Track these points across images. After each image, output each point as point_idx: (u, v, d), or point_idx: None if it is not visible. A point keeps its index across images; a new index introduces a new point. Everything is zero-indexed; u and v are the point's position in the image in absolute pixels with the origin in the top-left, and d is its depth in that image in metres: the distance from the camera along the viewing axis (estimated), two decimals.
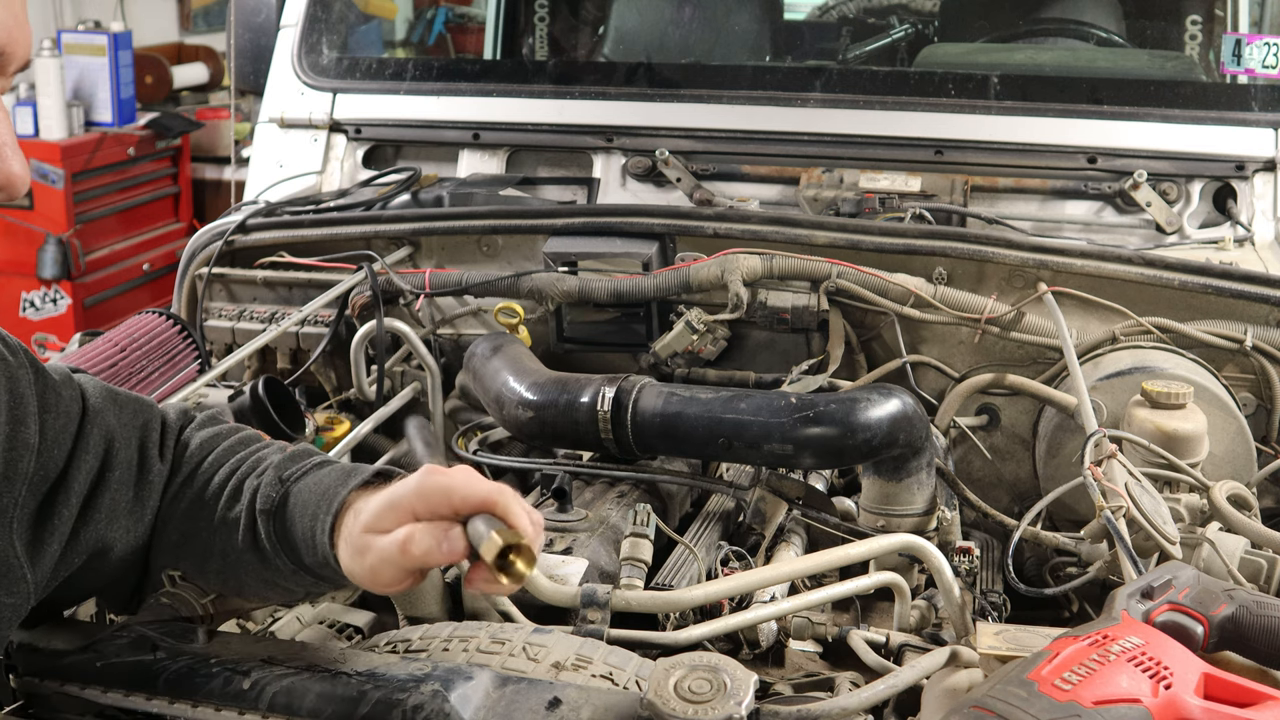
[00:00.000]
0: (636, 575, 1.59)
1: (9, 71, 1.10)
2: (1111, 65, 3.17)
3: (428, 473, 1.20)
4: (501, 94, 2.95)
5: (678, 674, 1.11)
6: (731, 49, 3.51)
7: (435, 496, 1.18)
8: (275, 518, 1.28)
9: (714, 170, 2.80)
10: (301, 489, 1.28)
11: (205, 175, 6.13)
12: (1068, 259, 2.11)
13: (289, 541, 1.27)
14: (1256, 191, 2.60)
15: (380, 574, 1.19)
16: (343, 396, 2.33)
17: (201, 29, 7.03)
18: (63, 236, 5.24)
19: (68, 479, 1.26)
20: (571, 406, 1.87)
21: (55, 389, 1.28)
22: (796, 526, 1.82)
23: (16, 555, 1.20)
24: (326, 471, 1.30)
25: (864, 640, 1.48)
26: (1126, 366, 1.98)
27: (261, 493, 1.29)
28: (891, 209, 2.59)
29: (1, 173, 1.08)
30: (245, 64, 3.12)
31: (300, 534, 1.26)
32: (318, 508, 1.24)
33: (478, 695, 1.14)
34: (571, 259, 2.26)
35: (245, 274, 2.44)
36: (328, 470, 1.30)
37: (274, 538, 1.28)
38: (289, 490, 1.28)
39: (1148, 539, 1.51)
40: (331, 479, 1.27)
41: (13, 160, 1.08)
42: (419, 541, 1.15)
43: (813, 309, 2.17)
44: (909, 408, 1.77)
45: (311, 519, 1.24)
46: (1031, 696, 0.99)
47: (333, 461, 1.34)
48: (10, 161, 1.08)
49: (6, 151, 1.08)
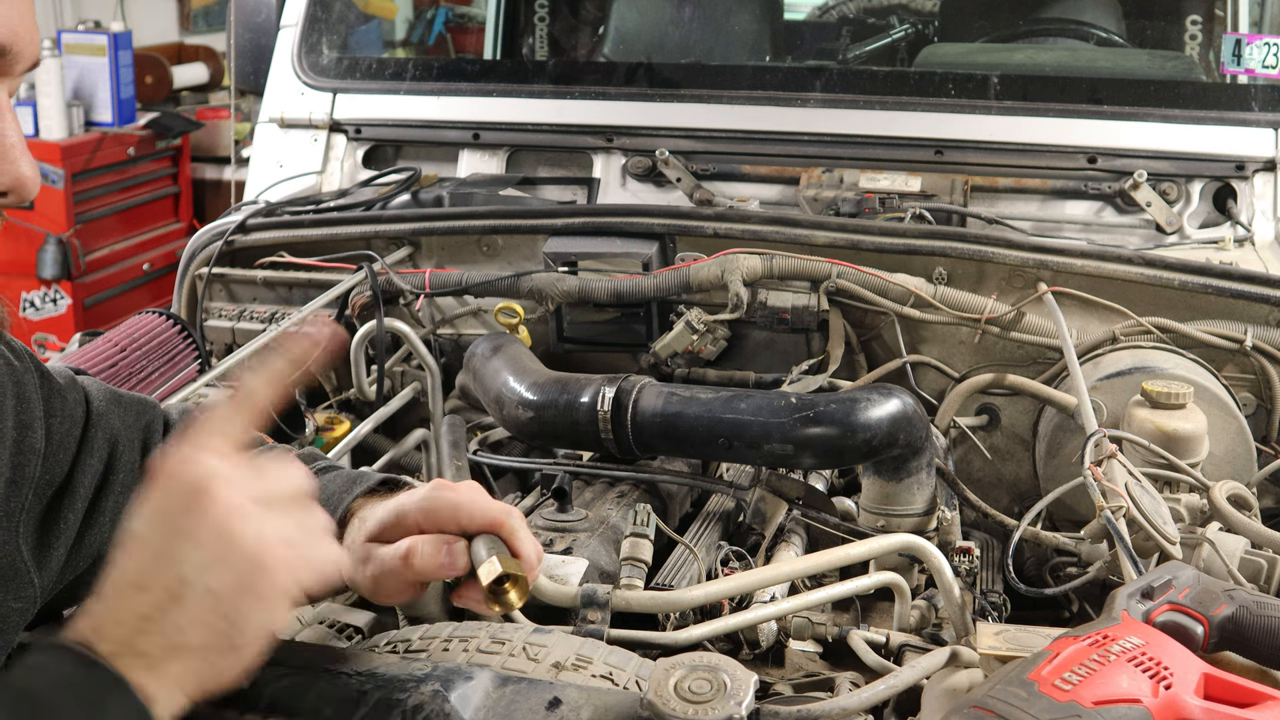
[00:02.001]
0: (636, 575, 1.58)
1: (17, 71, 1.09)
2: (1111, 65, 3.17)
3: (436, 488, 1.20)
4: (501, 94, 2.95)
5: (678, 674, 1.11)
6: (731, 49, 3.51)
7: (442, 513, 1.18)
8: None
9: (714, 170, 2.80)
10: None
11: (205, 175, 6.14)
12: (1068, 259, 2.11)
13: None
14: (1256, 191, 2.60)
15: (382, 584, 1.20)
16: (343, 396, 2.33)
17: (201, 29, 7.04)
18: (63, 236, 5.24)
19: (73, 483, 1.26)
20: (571, 406, 1.87)
21: (60, 393, 1.28)
22: (796, 526, 1.82)
23: (23, 560, 1.20)
24: (331, 477, 1.30)
25: (864, 640, 1.48)
26: (1126, 366, 1.98)
27: None
28: (891, 209, 2.59)
29: (10, 175, 1.07)
30: (245, 64, 3.12)
31: None
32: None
33: (478, 695, 1.14)
34: (571, 259, 2.26)
35: (245, 274, 2.44)
36: (332, 476, 1.30)
37: None
38: None
39: (1148, 539, 1.51)
40: (337, 485, 1.28)
41: (22, 162, 1.07)
42: (422, 554, 1.16)
43: (813, 309, 2.17)
44: (909, 408, 1.77)
45: None
46: (1031, 696, 0.99)
47: (337, 466, 1.34)
48: (20, 164, 1.07)
49: (16, 154, 1.07)
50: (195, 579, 0.90)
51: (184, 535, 0.91)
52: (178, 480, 0.94)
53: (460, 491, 1.20)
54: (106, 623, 0.91)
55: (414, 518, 1.18)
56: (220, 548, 0.91)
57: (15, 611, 1.20)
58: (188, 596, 0.90)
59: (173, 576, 0.90)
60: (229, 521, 0.92)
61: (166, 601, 0.90)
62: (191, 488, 0.92)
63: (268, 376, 1.02)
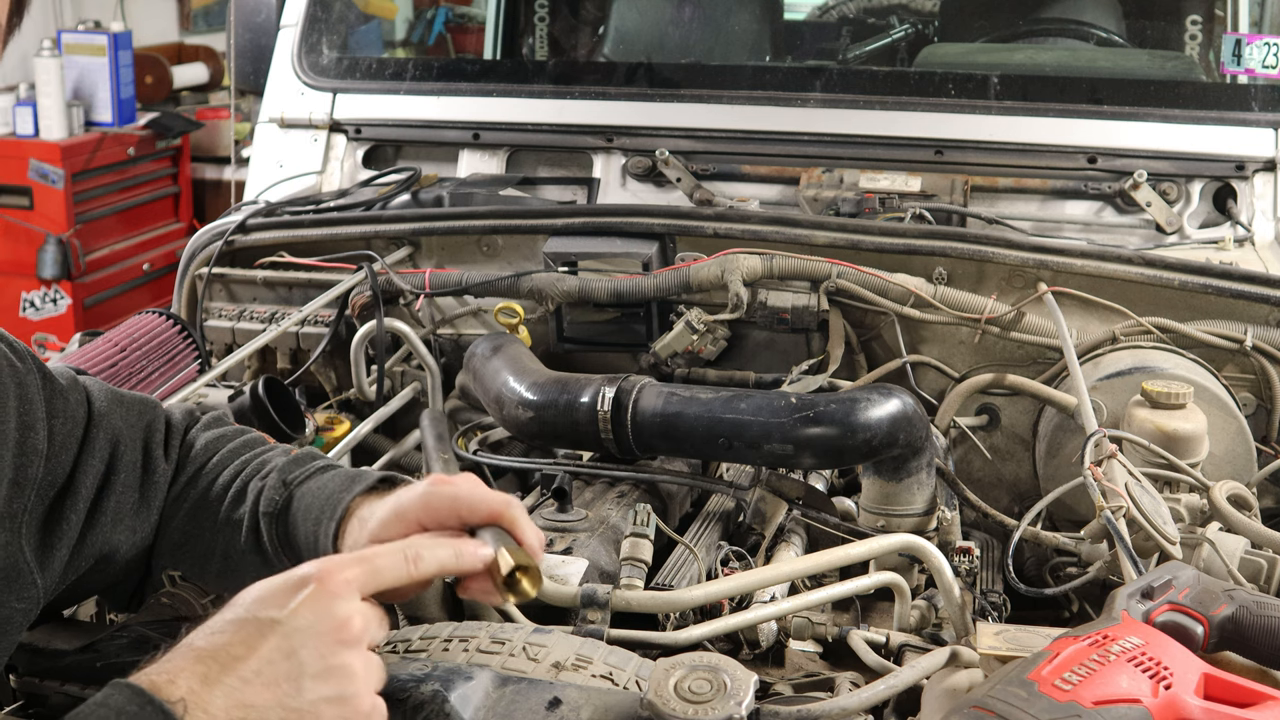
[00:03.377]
0: (636, 575, 1.58)
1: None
2: (1111, 65, 3.17)
3: (434, 483, 1.20)
4: (501, 94, 2.95)
5: (678, 674, 1.11)
6: (731, 49, 3.51)
7: (442, 507, 1.18)
8: (279, 520, 1.28)
9: (714, 170, 2.80)
10: (305, 492, 1.28)
11: (205, 175, 6.14)
12: (1068, 259, 2.11)
13: (292, 544, 1.27)
14: (1256, 191, 2.60)
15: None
16: (343, 396, 2.33)
17: (201, 29, 7.03)
18: (63, 236, 5.24)
19: (75, 484, 1.26)
20: (571, 406, 1.87)
21: (62, 394, 1.28)
22: (796, 526, 1.82)
23: (26, 560, 1.20)
24: (331, 476, 1.30)
25: (864, 640, 1.48)
26: (1126, 366, 1.98)
27: (265, 495, 1.29)
28: (891, 209, 2.59)
29: None
30: (245, 64, 3.12)
31: (303, 537, 1.26)
32: (321, 512, 1.24)
33: (478, 695, 1.14)
34: (571, 259, 2.26)
35: (245, 274, 2.44)
36: (332, 475, 1.30)
37: (277, 540, 1.28)
38: (293, 494, 1.28)
39: (1148, 539, 1.51)
40: (336, 484, 1.27)
41: None
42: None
43: (813, 309, 2.17)
44: (909, 408, 1.77)
45: (315, 523, 1.24)
46: (1031, 696, 0.99)
47: (337, 466, 1.34)
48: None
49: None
50: (309, 707, 0.98)
51: (317, 660, 0.98)
52: (331, 600, 1.00)
53: (458, 485, 1.19)
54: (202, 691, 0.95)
55: (414, 514, 1.18)
56: (341, 690, 0.99)
57: (19, 612, 1.20)
58: (293, 716, 0.97)
59: (290, 690, 0.97)
60: (353, 669, 1.00)
61: (274, 707, 0.96)
62: (340, 621, 1.00)
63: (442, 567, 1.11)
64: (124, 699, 0.93)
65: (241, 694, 0.95)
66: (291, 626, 0.98)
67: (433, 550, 1.12)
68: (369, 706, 1.01)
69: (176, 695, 0.93)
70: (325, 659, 0.98)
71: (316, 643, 0.98)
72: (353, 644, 1.00)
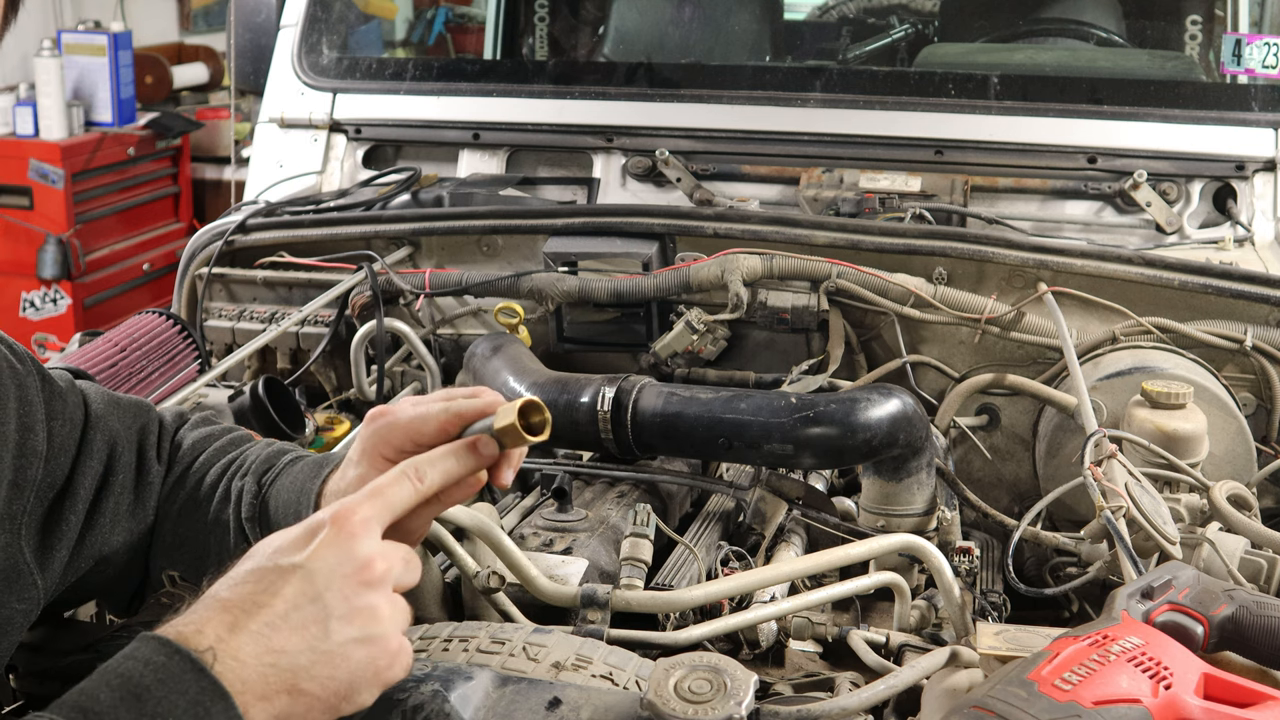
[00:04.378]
0: (636, 575, 1.58)
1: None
2: (1111, 65, 3.17)
3: (372, 420, 1.20)
4: (501, 94, 2.95)
5: (678, 674, 1.11)
6: (731, 49, 3.51)
7: (394, 438, 1.18)
8: (260, 522, 1.29)
9: (714, 170, 2.80)
10: (279, 490, 1.29)
11: (205, 175, 6.14)
12: (1068, 259, 2.11)
13: None
14: (1256, 191, 2.60)
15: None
16: (343, 396, 2.33)
17: (201, 29, 7.03)
18: (63, 236, 5.24)
19: (73, 485, 1.27)
20: (571, 406, 1.87)
21: (61, 396, 1.28)
22: (796, 526, 1.82)
23: (26, 562, 1.20)
24: (299, 468, 1.30)
25: (864, 640, 1.48)
26: (1126, 366, 1.98)
27: (245, 500, 1.30)
28: (891, 209, 2.59)
29: None
30: (245, 64, 3.12)
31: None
32: (298, 505, 1.26)
33: (478, 695, 1.14)
34: (571, 259, 2.26)
35: (245, 274, 2.44)
36: (300, 466, 1.31)
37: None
38: (267, 495, 1.29)
39: (1148, 539, 1.51)
40: (304, 475, 1.28)
41: None
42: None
43: (813, 309, 2.17)
44: (909, 408, 1.77)
45: (295, 517, 1.25)
46: (1031, 696, 0.99)
47: (305, 455, 1.34)
48: None
49: None
50: (338, 649, 0.97)
51: (342, 602, 0.98)
52: (350, 541, 0.99)
53: (396, 412, 1.19)
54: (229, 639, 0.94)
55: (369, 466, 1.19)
56: (368, 630, 0.99)
57: (19, 613, 1.21)
58: (323, 659, 0.97)
59: (318, 633, 0.96)
60: (379, 610, 0.99)
61: (304, 651, 0.96)
62: (362, 562, 0.99)
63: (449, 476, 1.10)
64: (151, 650, 0.92)
65: (270, 640, 0.95)
66: (312, 569, 0.97)
67: (429, 460, 1.11)
68: (396, 646, 1.01)
69: (205, 644, 0.93)
70: (350, 600, 0.98)
71: (340, 584, 0.98)
72: (377, 584, 0.99)
